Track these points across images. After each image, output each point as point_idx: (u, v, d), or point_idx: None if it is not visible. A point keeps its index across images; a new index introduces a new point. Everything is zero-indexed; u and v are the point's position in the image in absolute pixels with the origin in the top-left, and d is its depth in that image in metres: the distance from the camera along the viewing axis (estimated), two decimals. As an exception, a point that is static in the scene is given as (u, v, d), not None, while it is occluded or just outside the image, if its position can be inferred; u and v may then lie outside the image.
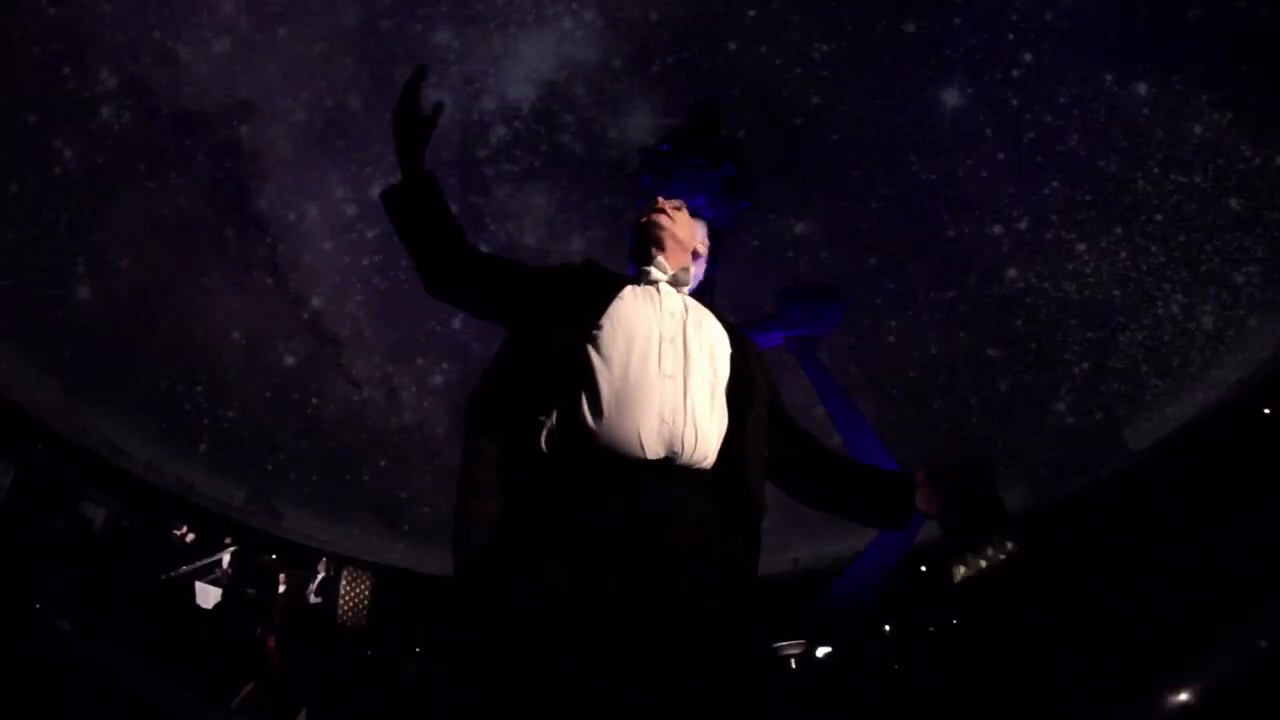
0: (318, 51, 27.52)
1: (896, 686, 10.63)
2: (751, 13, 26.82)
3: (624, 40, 27.92)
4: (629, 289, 1.98)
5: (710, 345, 1.93)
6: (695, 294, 2.19)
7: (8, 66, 23.52)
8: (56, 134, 24.98)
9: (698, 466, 1.75)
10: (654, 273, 2.10)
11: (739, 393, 1.90)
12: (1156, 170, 25.34)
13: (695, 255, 2.27)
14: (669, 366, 1.81)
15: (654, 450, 1.70)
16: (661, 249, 2.17)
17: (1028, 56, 25.86)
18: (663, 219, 2.21)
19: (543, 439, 1.75)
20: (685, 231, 2.24)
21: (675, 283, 2.10)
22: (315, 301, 29.68)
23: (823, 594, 14.06)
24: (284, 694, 6.98)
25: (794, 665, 11.99)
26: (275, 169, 28.57)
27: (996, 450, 26.69)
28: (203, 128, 27.29)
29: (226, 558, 10.45)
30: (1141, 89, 25.12)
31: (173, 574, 9.49)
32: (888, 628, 14.12)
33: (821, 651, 12.29)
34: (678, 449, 1.72)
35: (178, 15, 25.64)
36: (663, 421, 1.72)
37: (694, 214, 2.39)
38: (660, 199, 2.29)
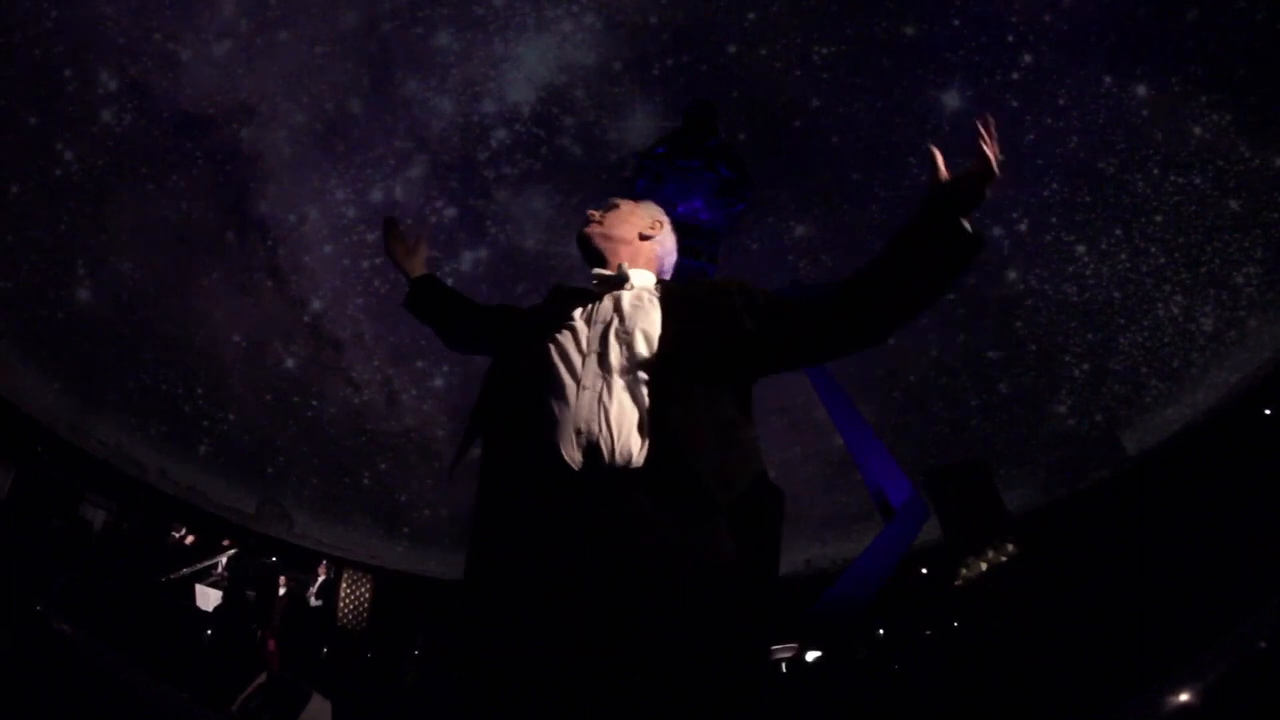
0: (318, 54, 27.56)
1: (892, 690, 10.57)
2: (751, 16, 26.86)
3: (623, 43, 27.93)
4: (577, 309, 2.08)
5: (630, 342, 1.95)
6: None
7: (9, 69, 23.57)
8: (57, 136, 25.01)
9: (626, 466, 1.76)
10: (593, 284, 2.17)
11: (666, 376, 1.88)
12: (1156, 171, 25.36)
13: (645, 238, 2.31)
14: (588, 379, 1.88)
15: (575, 459, 1.76)
16: (596, 256, 2.25)
17: (1027, 58, 25.89)
18: (588, 229, 2.30)
19: (495, 461, 1.90)
20: (619, 228, 2.30)
21: (618, 282, 2.14)
22: (315, 304, 29.68)
23: (819, 596, 14.01)
24: (283, 696, 6.99)
25: (784, 669, 11.87)
26: (276, 172, 28.60)
27: (997, 452, 26.70)
28: (203, 131, 27.31)
29: (225, 560, 10.48)
30: (1140, 90, 25.14)
31: (172, 576, 9.51)
32: (881, 631, 14.07)
33: (811, 655, 12.14)
34: (599, 455, 1.76)
35: (178, 18, 25.65)
36: (579, 432, 1.79)
37: (691, 214, 2.44)
38: (589, 210, 2.36)
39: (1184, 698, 5.32)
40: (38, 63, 24.18)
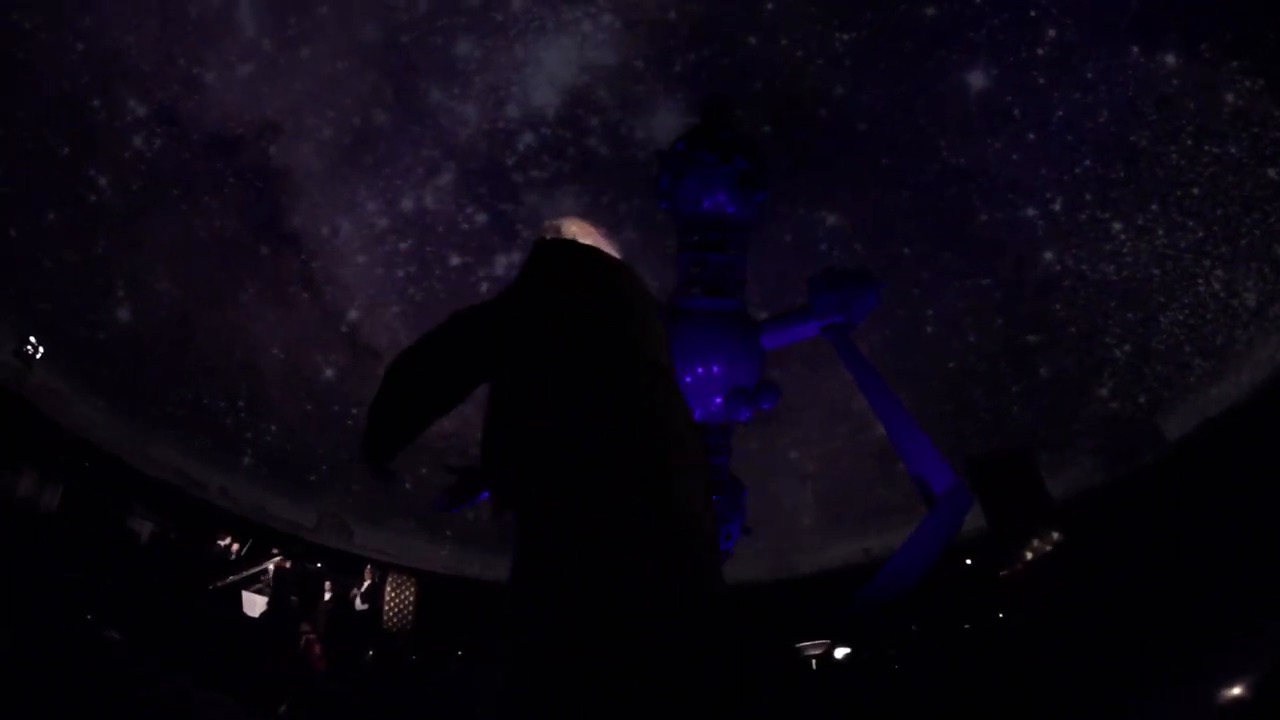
0: (340, 69, 27.87)
1: (927, 685, 10.36)
2: (769, 6, 26.70)
3: (643, 41, 27.88)
4: None
5: None
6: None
7: (40, 102, 24.26)
8: (90, 164, 25.68)
9: None
10: None
11: None
12: (1190, 142, 24.75)
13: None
14: None
15: None
16: None
17: (1051, 33, 25.40)
18: None
19: None
20: None
21: None
22: (352, 314, 30.00)
23: (857, 592, 13.80)
24: (328, 698, 7.09)
25: (814, 665, 11.58)
26: (306, 186, 28.99)
27: (1039, 439, 26.27)
28: (232, 150, 27.78)
29: (271, 567, 10.66)
30: (1169, 59, 24.58)
31: (220, 584, 9.70)
32: (914, 627, 13.77)
33: (840, 652, 11.80)
34: None
35: (201, 42, 26.14)
36: None
37: (716, 208, 2.55)
38: None
39: (1235, 691, 5.17)
40: (66, 94, 24.91)
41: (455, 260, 29.68)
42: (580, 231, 2.53)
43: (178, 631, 7.64)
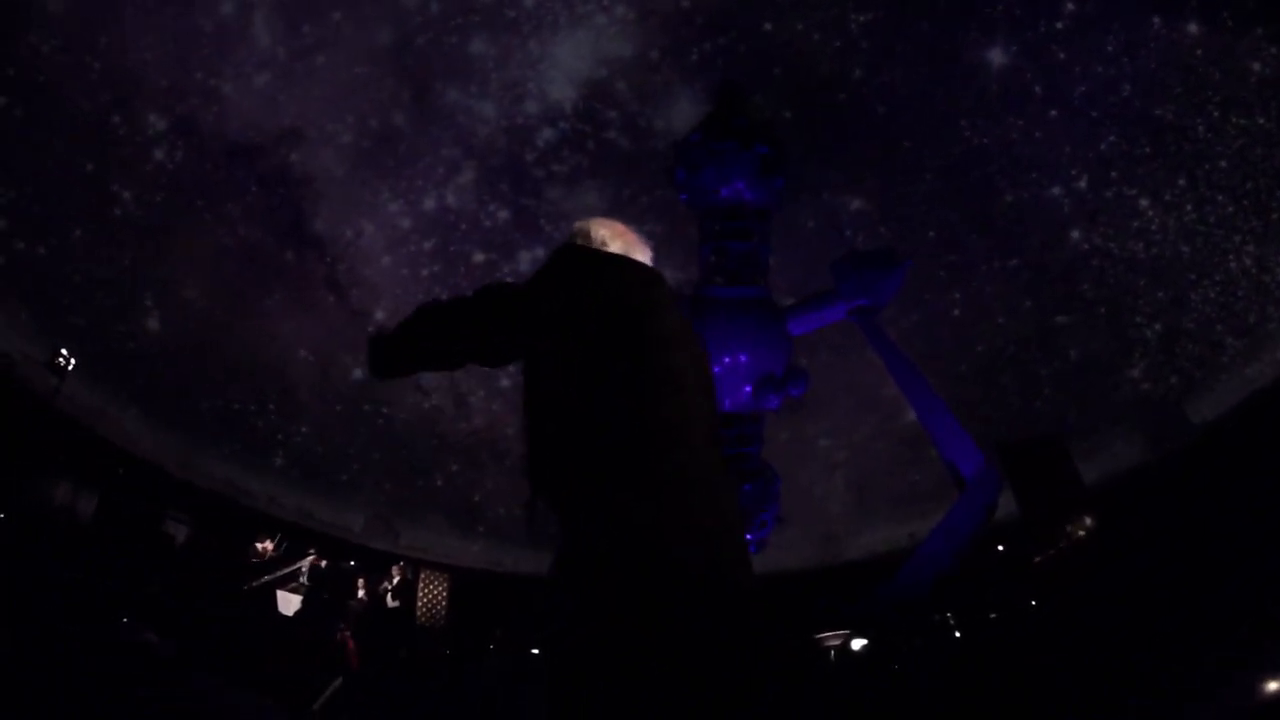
0: (357, 75, 28.00)
1: (950, 679, 10.20)
2: (783, -10, 26.58)
3: (658, 32, 27.83)
4: None
5: None
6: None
7: (62, 122, 24.73)
8: (114, 179, 26.09)
9: None
10: None
11: None
12: (1216, 114, 24.27)
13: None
14: None
15: None
16: None
17: (1070, 6, 25.03)
18: None
19: None
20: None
21: None
22: (378, 315, 30.10)
23: (884, 581, 13.66)
24: (363, 692, 7.16)
25: (833, 657, 11.41)
26: (328, 191, 29.15)
27: (1070, 423, 25.94)
28: (253, 158, 28.00)
29: (306, 566, 10.79)
30: (1192, 29, 24.11)
31: (255, 584, 9.83)
32: (949, 615, 13.57)
33: (858, 644, 11.60)
34: None
35: (217, 54, 26.42)
36: None
37: (734, 195, 2.73)
38: None
39: (1275, 687, 5.07)
40: (86, 112, 25.37)
41: (479, 257, 29.82)
42: (610, 234, 2.56)
43: (214, 631, 7.75)
